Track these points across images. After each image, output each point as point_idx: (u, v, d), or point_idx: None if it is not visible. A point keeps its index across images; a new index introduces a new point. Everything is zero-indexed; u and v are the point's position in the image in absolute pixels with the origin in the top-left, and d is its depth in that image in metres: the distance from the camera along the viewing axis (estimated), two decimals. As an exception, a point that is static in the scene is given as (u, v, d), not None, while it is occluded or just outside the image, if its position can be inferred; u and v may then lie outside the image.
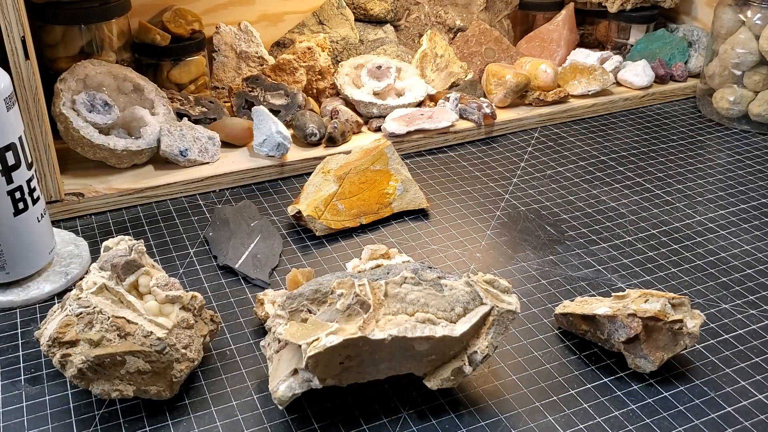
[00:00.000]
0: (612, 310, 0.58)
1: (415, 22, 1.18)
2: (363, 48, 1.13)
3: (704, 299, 0.68)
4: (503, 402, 0.56)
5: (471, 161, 0.96)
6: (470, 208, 0.84)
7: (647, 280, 0.71)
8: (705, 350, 0.62)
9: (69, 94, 0.86)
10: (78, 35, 0.92)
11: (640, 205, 0.85)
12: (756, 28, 1.03)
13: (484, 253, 0.76)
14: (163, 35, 0.98)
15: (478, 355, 0.53)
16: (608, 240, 0.78)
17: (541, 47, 1.20)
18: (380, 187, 0.82)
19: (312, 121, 0.94)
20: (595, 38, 1.29)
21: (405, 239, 0.78)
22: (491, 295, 0.54)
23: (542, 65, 1.09)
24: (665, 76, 1.16)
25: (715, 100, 1.08)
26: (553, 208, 0.84)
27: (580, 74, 1.11)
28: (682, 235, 0.79)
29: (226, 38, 1.07)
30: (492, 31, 1.17)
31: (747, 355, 0.61)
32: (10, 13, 0.70)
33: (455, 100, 1.02)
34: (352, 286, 0.53)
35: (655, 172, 0.93)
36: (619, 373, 0.59)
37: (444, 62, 1.11)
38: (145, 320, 0.54)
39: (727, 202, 0.86)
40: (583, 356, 0.61)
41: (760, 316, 0.66)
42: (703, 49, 1.19)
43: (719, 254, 0.76)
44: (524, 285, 0.70)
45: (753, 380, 0.58)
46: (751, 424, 0.54)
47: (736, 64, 1.05)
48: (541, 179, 0.91)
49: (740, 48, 1.04)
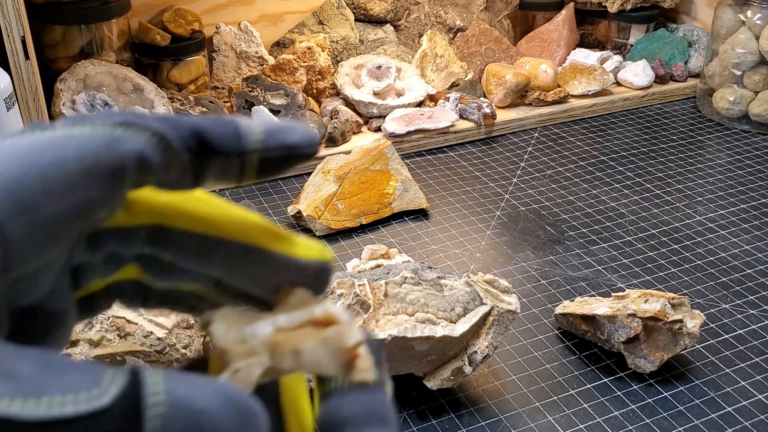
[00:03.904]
0: (612, 311, 0.58)
1: (415, 22, 1.18)
2: (363, 48, 1.13)
3: (704, 299, 0.68)
4: (503, 402, 0.56)
5: (471, 161, 0.96)
6: (470, 208, 0.84)
7: (647, 280, 0.71)
8: (705, 350, 0.62)
9: (69, 94, 0.86)
10: (78, 35, 0.92)
11: (640, 205, 0.85)
12: (756, 28, 1.03)
13: (484, 253, 0.76)
14: (163, 35, 0.97)
15: (478, 355, 0.53)
16: (608, 240, 0.78)
17: (541, 47, 1.20)
18: (380, 187, 0.82)
19: (312, 121, 0.94)
20: (595, 38, 1.29)
21: (405, 239, 0.78)
22: (491, 295, 0.54)
23: (542, 65, 1.09)
24: (665, 76, 1.16)
25: (715, 100, 1.08)
26: (553, 208, 0.84)
27: (580, 74, 1.11)
28: (682, 235, 0.79)
29: (226, 38, 1.07)
30: (492, 31, 1.17)
31: (747, 355, 0.61)
32: (10, 13, 0.70)
33: (455, 100, 1.02)
34: (352, 286, 0.53)
35: (655, 172, 0.93)
36: (619, 373, 0.59)
37: (444, 62, 1.11)
38: (145, 320, 0.54)
39: (727, 202, 0.86)
40: (583, 356, 0.61)
41: (760, 316, 0.66)
42: (703, 49, 1.19)
43: (719, 254, 0.76)
44: (524, 285, 0.70)
45: (753, 380, 0.58)
46: (751, 424, 0.54)
47: (736, 64, 1.05)
48: (541, 179, 0.91)
49: (740, 48, 1.03)
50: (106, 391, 0.14)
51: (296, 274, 0.21)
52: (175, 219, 0.20)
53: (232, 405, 0.16)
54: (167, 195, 0.20)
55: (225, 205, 0.21)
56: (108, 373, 0.15)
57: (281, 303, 0.20)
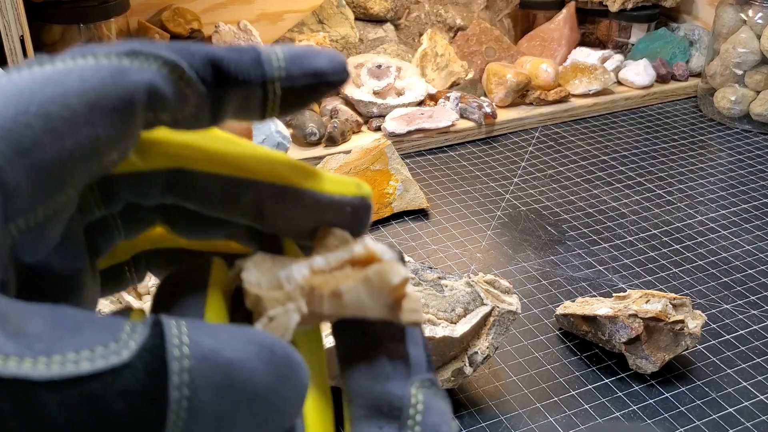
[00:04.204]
0: (613, 311, 0.58)
1: (415, 21, 1.18)
2: (363, 47, 1.12)
3: (705, 299, 0.68)
4: (504, 403, 0.56)
5: (471, 161, 0.96)
6: (470, 208, 0.84)
7: (648, 280, 0.71)
8: (706, 351, 0.61)
9: (68, 94, 0.85)
10: (77, 34, 0.92)
11: (641, 205, 0.85)
12: (757, 27, 1.02)
13: (485, 254, 0.75)
14: (162, 34, 0.97)
15: (479, 356, 0.53)
16: (609, 240, 0.78)
17: (542, 46, 1.20)
18: (380, 187, 0.82)
19: (312, 120, 0.94)
20: (596, 37, 1.28)
21: (405, 239, 0.78)
22: (492, 296, 0.53)
23: (543, 64, 1.09)
24: (666, 76, 1.16)
25: (717, 100, 1.08)
26: (554, 208, 0.84)
27: (581, 73, 1.11)
28: (684, 235, 0.79)
29: (226, 37, 1.06)
30: (492, 30, 1.17)
31: (748, 355, 0.61)
32: (8, 13, 0.70)
33: (455, 100, 1.02)
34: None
35: (656, 172, 0.93)
36: (620, 373, 0.59)
37: (444, 61, 1.10)
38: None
39: (729, 202, 0.86)
40: (584, 357, 0.61)
41: (761, 316, 0.66)
42: (705, 49, 1.18)
43: (720, 254, 0.75)
44: (525, 285, 0.70)
45: (754, 381, 0.58)
46: (752, 425, 0.54)
47: (737, 64, 1.04)
48: (542, 179, 0.91)
49: (741, 47, 1.03)
50: (125, 346, 0.13)
51: (332, 213, 0.19)
52: (194, 161, 0.18)
53: (268, 354, 0.14)
54: (184, 135, 0.18)
55: (248, 144, 0.19)
56: (127, 327, 0.13)
57: (319, 246, 0.19)
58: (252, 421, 0.14)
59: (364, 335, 0.18)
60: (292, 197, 0.19)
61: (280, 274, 0.18)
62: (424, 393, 0.17)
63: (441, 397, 0.18)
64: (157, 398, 0.13)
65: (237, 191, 0.18)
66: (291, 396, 0.14)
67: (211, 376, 0.13)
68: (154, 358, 0.13)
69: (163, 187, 0.18)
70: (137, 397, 0.13)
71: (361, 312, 0.17)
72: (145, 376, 0.13)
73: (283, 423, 0.15)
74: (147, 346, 0.13)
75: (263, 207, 0.19)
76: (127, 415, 0.13)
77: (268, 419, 0.14)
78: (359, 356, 0.18)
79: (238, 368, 0.14)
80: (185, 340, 0.13)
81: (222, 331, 0.14)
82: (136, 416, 0.13)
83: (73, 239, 0.17)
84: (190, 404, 0.13)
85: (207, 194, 0.18)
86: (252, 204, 0.19)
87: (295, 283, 0.17)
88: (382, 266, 0.17)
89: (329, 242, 0.19)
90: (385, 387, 0.18)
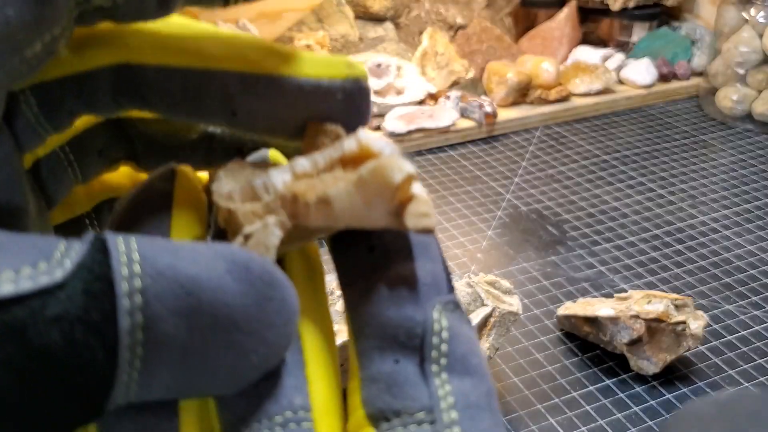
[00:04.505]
0: (615, 312, 0.58)
1: (415, 20, 1.17)
2: (362, 46, 1.12)
3: (707, 300, 0.68)
4: (504, 404, 0.55)
5: (472, 160, 0.95)
6: (471, 208, 0.84)
7: (650, 280, 0.70)
8: (708, 352, 0.61)
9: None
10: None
11: (642, 205, 0.85)
12: (759, 26, 1.02)
13: (485, 254, 0.75)
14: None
15: (479, 357, 0.53)
16: (611, 240, 0.77)
17: (543, 45, 1.20)
18: (380, 187, 0.81)
19: (312, 119, 0.94)
20: (598, 36, 1.28)
21: (405, 239, 0.77)
22: (492, 297, 0.53)
23: (544, 63, 1.08)
24: (668, 75, 1.15)
25: (719, 99, 1.07)
26: (555, 208, 0.84)
27: (583, 72, 1.10)
28: (685, 235, 0.78)
29: (226, 36, 1.06)
30: (493, 28, 1.17)
31: (750, 356, 0.60)
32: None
33: (456, 99, 1.02)
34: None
35: (658, 172, 0.93)
36: (622, 374, 0.58)
37: (445, 60, 1.10)
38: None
39: (731, 202, 0.85)
40: (586, 358, 0.60)
41: (763, 317, 0.65)
42: (707, 48, 1.18)
43: (723, 254, 0.75)
44: (526, 286, 0.69)
45: (756, 382, 0.58)
46: (755, 427, 0.53)
47: (739, 63, 1.04)
48: (543, 179, 0.91)
49: (744, 46, 1.03)
50: (59, 265, 0.11)
51: (320, 103, 0.15)
52: (141, 51, 0.15)
53: (242, 271, 0.11)
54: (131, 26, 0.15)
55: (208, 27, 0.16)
56: (62, 245, 0.11)
57: (307, 147, 0.15)
58: (229, 355, 0.11)
59: (371, 251, 0.15)
60: (267, 86, 0.15)
61: (256, 182, 0.14)
62: (448, 317, 0.14)
63: (467, 323, 0.15)
64: (102, 327, 0.11)
65: (199, 85, 0.15)
66: (276, 321, 0.12)
67: (170, 298, 0.11)
68: (94, 277, 0.11)
69: (111, 89, 0.15)
70: (76, 324, 0.10)
71: (357, 221, 0.14)
72: (85, 298, 0.11)
73: (269, 356, 0.12)
74: (86, 264, 0.11)
75: (233, 102, 0.15)
76: (64, 347, 0.10)
77: (250, 351, 0.12)
78: (366, 277, 0.15)
79: (206, 288, 0.11)
80: (135, 257, 0.11)
81: (182, 248, 0.11)
82: (76, 350, 0.10)
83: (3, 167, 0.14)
84: (147, 335, 0.11)
85: (164, 93, 0.15)
86: (220, 100, 0.15)
87: (275, 191, 0.14)
88: (379, 162, 0.14)
89: (320, 141, 0.15)
90: (401, 311, 0.14)
